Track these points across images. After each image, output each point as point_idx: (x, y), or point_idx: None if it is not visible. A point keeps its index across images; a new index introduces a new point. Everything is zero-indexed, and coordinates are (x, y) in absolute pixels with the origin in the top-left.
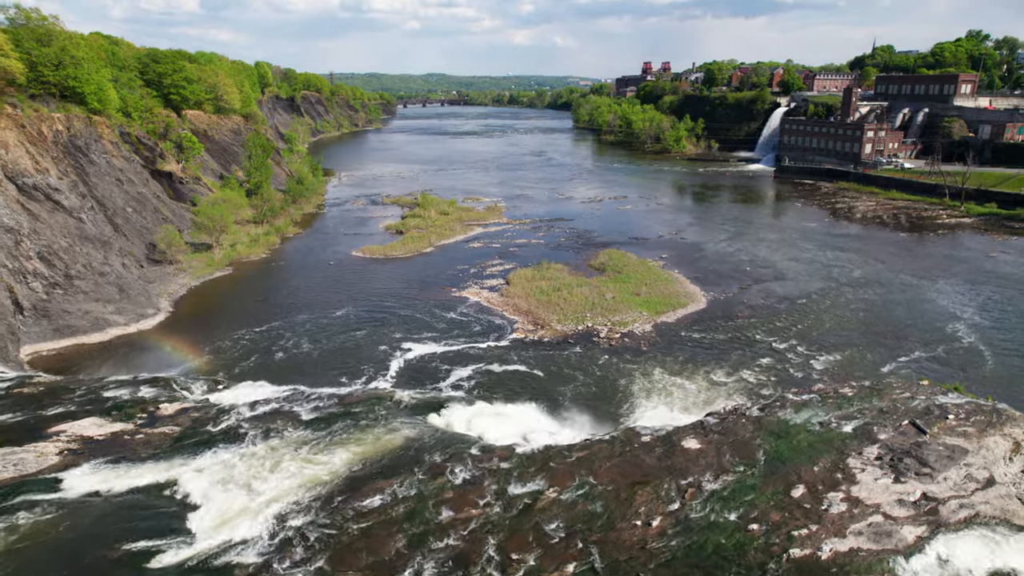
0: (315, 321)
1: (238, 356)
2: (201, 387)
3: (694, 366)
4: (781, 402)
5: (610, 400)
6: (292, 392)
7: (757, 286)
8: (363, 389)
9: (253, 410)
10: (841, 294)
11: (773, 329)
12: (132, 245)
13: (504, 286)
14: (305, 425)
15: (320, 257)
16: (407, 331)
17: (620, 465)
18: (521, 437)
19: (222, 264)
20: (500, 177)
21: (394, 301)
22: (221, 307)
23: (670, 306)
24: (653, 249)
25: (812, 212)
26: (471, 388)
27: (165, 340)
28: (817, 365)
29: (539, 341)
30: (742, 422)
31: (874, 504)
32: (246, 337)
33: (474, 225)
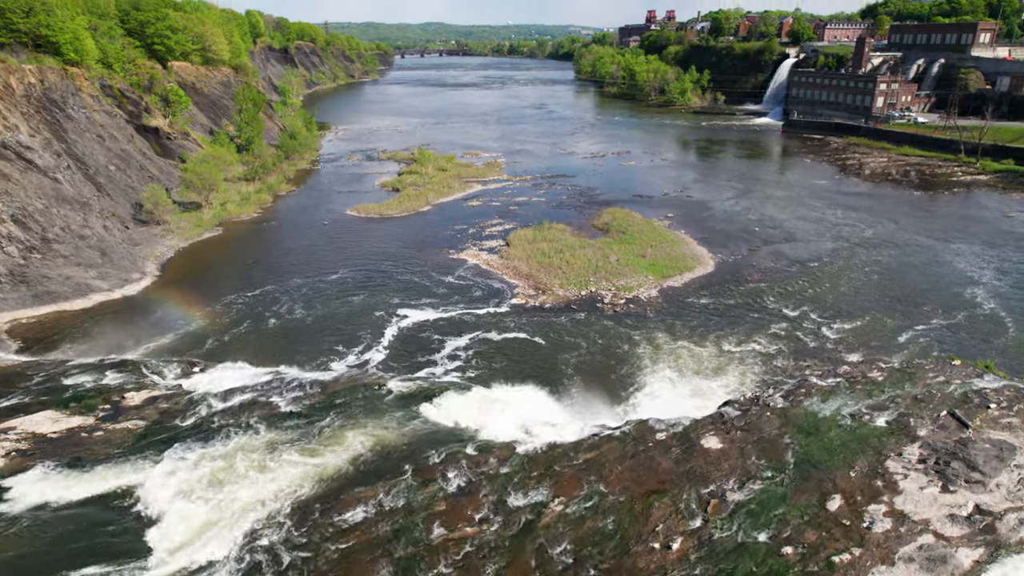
0: (309, 285)
1: (229, 323)
2: (174, 371)
3: (703, 334)
4: (806, 389)
5: (616, 375)
6: (272, 377)
7: (766, 247)
8: (349, 374)
9: (227, 400)
10: (853, 256)
11: (784, 294)
12: (116, 205)
13: (504, 247)
14: (283, 419)
15: (314, 216)
16: (403, 296)
17: (633, 469)
18: (522, 429)
19: (212, 224)
20: (500, 131)
21: (390, 263)
22: (210, 270)
23: (677, 269)
24: (658, 208)
25: (821, 169)
26: (469, 359)
27: (151, 306)
28: (831, 334)
29: (540, 307)
30: (766, 416)
31: (922, 520)
32: (237, 302)
33: (473, 182)
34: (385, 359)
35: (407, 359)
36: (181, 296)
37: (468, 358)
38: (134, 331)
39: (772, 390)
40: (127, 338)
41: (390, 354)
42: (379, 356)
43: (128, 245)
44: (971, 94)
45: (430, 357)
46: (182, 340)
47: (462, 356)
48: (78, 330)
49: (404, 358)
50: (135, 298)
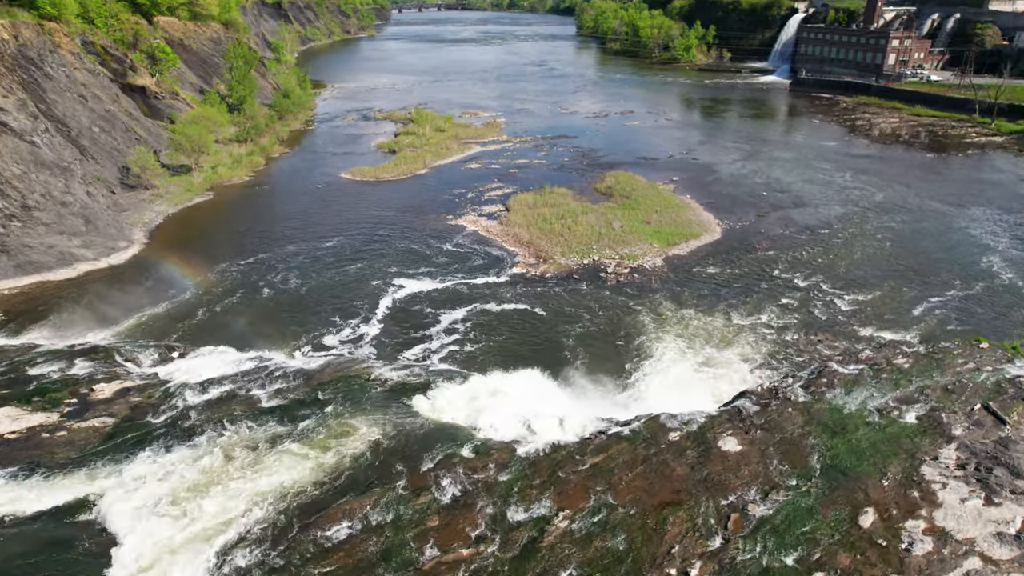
0: (304, 253)
1: (221, 293)
2: (151, 357)
3: (710, 306)
4: (828, 379)
5: (621, 353)
6: (255, 365)
7: (775, 213)
8: (336, 363)
9: (205, 392)
10: (865, 222)
11: (794, 263)
12: (102, 169)
13: (504, 213)
14: (264, 415)
15: (308, 180)
16: (400, 265)
17: (644, 476)
18: (523, 424)
19: (202, 188)
20: (499, 89)
21: (386, 230)
22: (201, 237)
23: (682, 236)
24: (663, 171)
25: (830, 130)
26: (467, 333)
27: (138, 276)
28: (843, 306)
29: (541, 277)
30: (788, 412)
31: (967, 540)
32: (230, 271)
33: (471, 143)
34: (380, 333)
35: (403, 334)
36: (170, 265)
37: (466, 332)
38: (118, 304)
39: (791, 380)
40: (111, 311)
41: (385, 328)
42: (374, 330)
43: (114, 211)
44: (987, 50)
45: (426, 332)
46: (169, 313)
47: (460, 330)
48: (61, 302)
49: (399, 333)
50: (122, 267)
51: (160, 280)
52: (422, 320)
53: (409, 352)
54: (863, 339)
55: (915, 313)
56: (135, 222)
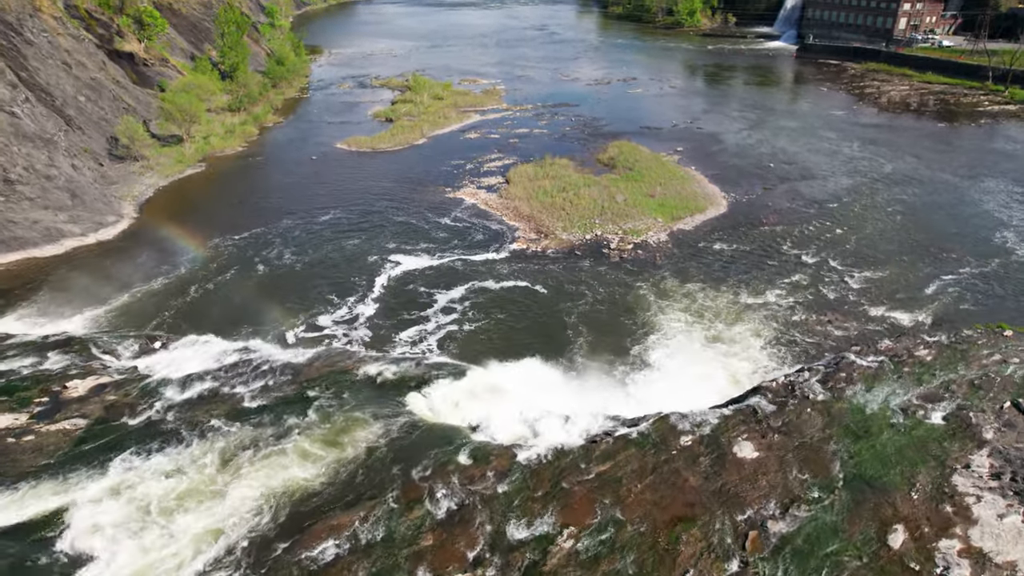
0: (300, 227)
1: (215, 269)
2: (130, 348)
3: (716, 284)
4: (847, 373)
5: (625, 333)
6: (240, 358)
7: (783, 185)
8: (327, 355)
9: (185, 390)
10: (874, 195)
11: (802, 238)
12: (90, 140)
13: (503, 185)
14: (247, 417)
15: (303, 150)
16: (397, 240)
17: (655, 487)
18: (523, 424)
19: (194, 160)
20: (499, 55)
21: (383, 203)
22: (193, 211)
23: (687, 210)
24: (666, 141)
25: (838, 98)
26: (465, 312)
27: (127, 253)
28: (853, 283)
29: (542, 253)
30: (806, 412)
31: (1007, 564)
32: (223, 246)
33: (470, 112)
34: (375, 314)
35: (399, 314)
36: (160, 241)
37: (465, 312)
38: (105, 282)
39: (808, 374)
40: (97, 290)
41: (381, 308)
42: (369, 310)
43: (102, 185)
44: (1002, 14)
45: (423, 312)
46: (158, 292)
47: (458, 310)
48: (46, 280)
49: (395, 313)
50: (110, 243)
51: (150, 256)
52: (419, 299)
53: (405, 334)
54: (874, 319)
55: (928, 292)
56: (124, 195)
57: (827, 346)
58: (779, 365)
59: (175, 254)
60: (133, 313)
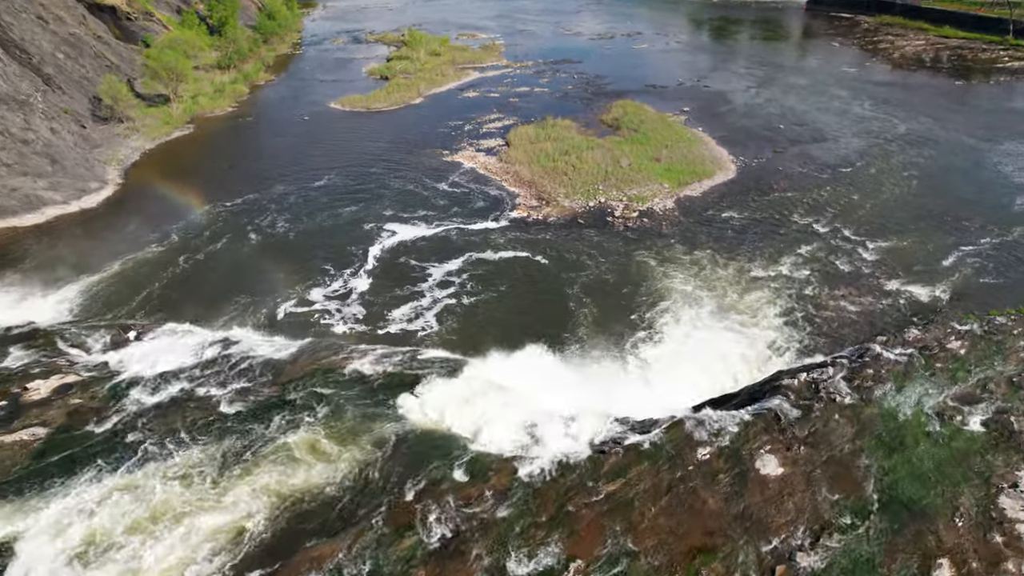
0: (294, 194)
1: (207, 238)
2: (102, 340)
3: (725, 256)
4: (874, 369)
5: (631, 310)
6: (219, 352)
7: (793, 148)
8: (312, 349)
9: (157, 391)
10: (888, 158)
11: (814, 206)
12: (71, 100)
13: (503, 148)
14: (223, 425)
15: (295, 111)
16: (393, 207)
17: (670, 511)
18: (525, 430)
19: (182, 121)
20: (498, 8)
21: (379, 167)
22: (181, 176)
23: (695, 175)
24: (672, 100)
25: (850, 54)
26: (463, 286)
27: (110, 222)
28: (867, 256)
29: (543, 222)
30: (834, 419)
31: None
32: (214, 214)
33: (469, 69)
34: (368, 290)
35: (393, 289)
36: (147, 209)
37: (462, 286)
38: (87, 254)
39: (832, 370)
40: (77, 263)
41: (375, 282)
42: (363, 284)
43: (85, 148)
44: None
45: (418, 287)
46: (143, 265)
47: (455, 283)
48: (26, 252)
49: (390, 287)
50: (94, 211)
51: (136, 225)
52: (414, 272)
53: (398, 312)
54: (890, 294)
55: (946, 264)
56: (108, 159)
57: (842, 322)
58: (793, 345)
59: (162, 223)
60: (115, 290)
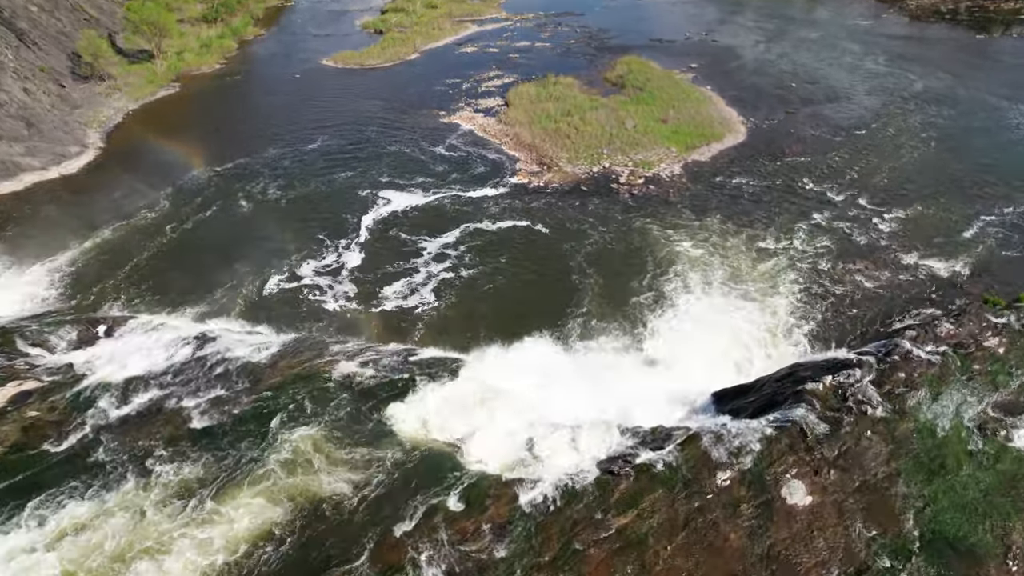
0: (286, 157)
1: (194, 207)
2: (68, 337)
3: (735, 227)
4: (905, 370)
5: (635, 286)
6: (193, 351)
7: (806, 109)
8: (295, 345)
9: (125, 401)
10: (905, 119)
11: (827, 172)
12: (48, 57)
13: (503, 108)
14: (193, 443)
15: (286, 68)
16: (389, 173)
17: (688, 548)
18: (525, 445)
19: (167, 79)
20: None
21: (374, 129)
22: (167, 139)
23: (703, 138)
24: (679, 56)
25: (864, 5)
26: (460, 260)
27: (92, 189)
28: (883, 226)
29: (545, 188)
30: (865, 436)
31: None
32: (202, 179)
33: (467, 22)
34: (361, 265)
35: (387, 263)
36: (130, 175)
37: (459, 260)
38: (64, 226)
39: (859, 372)
40: (53, 237)
41: (368, 255)
42: (355, 259)
43: (63, 110)
44: None
45: (413, 261)
46: (125, 238)
47: (452, 256)
48: None
49: (383, 261)
50: (75, 178)
51: (118, 193)
52: (409, 245)
53: (391, 289)
54: (907, 268)
55: (967, 235)
56: (89, 121)
57: (858, 300)
58: (808, 325)
59: (147, 190)
60: (92, 267)
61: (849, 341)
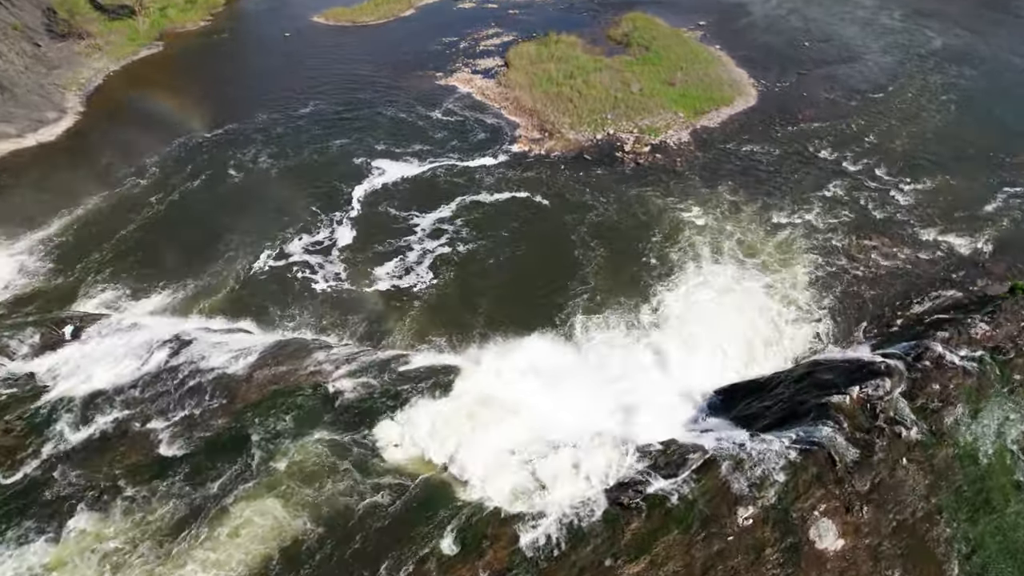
0: (277, 123)
1: (181, 177)
2: (29, 341)
3: (746, 199)
4: (939, 380)
5: (641, 266)
6: (165, 359)
7: (819, 70)
8: (274, 352)
9: (87, 421)
10: (924, 80)
11: (842, 138)
12: (20, 13)
13: (502, 69)
14: (160, 474)
15: (275, 25)
16: (383, 140)
17: None
18: (527, 470)
19: (150, 38)
20: None
21: (367, 92)
22: (151, 102)
23: (712, 102)
24: (687, 12)
25: None
26: (456, 235)
27: (72, 157)
28: (901, 198)
29: (546, 157)
30: (901, 465)
31: None
32: (190, 146)
33: None
34: (352, 242)
35: (379, 240)
36: (112, 142)
37: (455, 236)
38: (38, 203)
39: (888, 383)
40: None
41: (360, 231)
42: (347, 236)
43: (40, 72)
44: None
45: (406, 239)
46: (105, 215)
47: (448, 231)
48: None
49: (375, 237)
50: (53, 145)
51: (100, 162)
52: (402, 220)
53: (383, 269)
54: (926, 245)
55: (989, 208)
56: (68, 83)
57: (874, 279)
58: (821, 308)
59: (130, 159)
60: (68, 247)
61: (865, 329)
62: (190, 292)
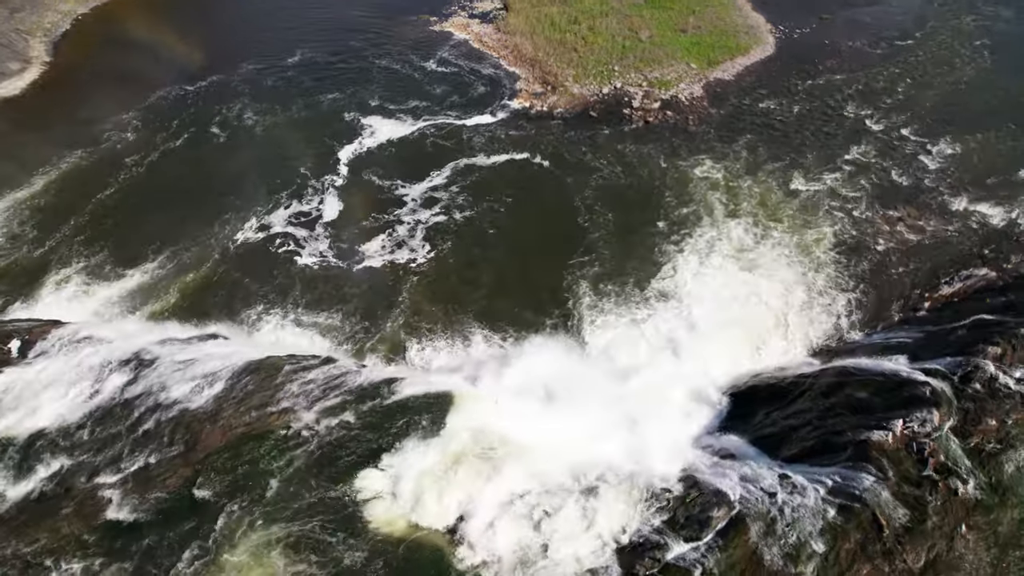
0: (264, 75)
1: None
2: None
3: (762, 161)
4: (993, 412)
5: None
6: (123, 387)
7: (843, 13)
8: (246, 371)
9: (26, 475)
10: (958, 26)
11: (867, 93)
12: None
13: (501, 12)
14: (107, 548)
15: None
16: (374, 96)
17: None
18: (532, 520)
19: None
20: None
21: (357, 40)
22: (126, 51)
23: (727, 51)
24: None
25: None
26: (450, 207)
27: (38, 114)
28: (930, 163)
29: (549, 114)
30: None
31: None
32: (169, 99)
33: None
34: (338, 217)
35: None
36: (83, 96)
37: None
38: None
39: (936, 416)
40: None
41: (346, 204)
42: (333, 209)
43: (0, 15)
44: None
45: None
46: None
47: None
48: None
49: (364, 209)
50: (17, 100)
51: (68, 119)
52: (392, 189)
53: (369, 245)
54: (957, 216)
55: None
56: (32, 30)
57: (899, 257)
58: (841, 292)
59: (102, 115)
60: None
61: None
62: (166, 271)
